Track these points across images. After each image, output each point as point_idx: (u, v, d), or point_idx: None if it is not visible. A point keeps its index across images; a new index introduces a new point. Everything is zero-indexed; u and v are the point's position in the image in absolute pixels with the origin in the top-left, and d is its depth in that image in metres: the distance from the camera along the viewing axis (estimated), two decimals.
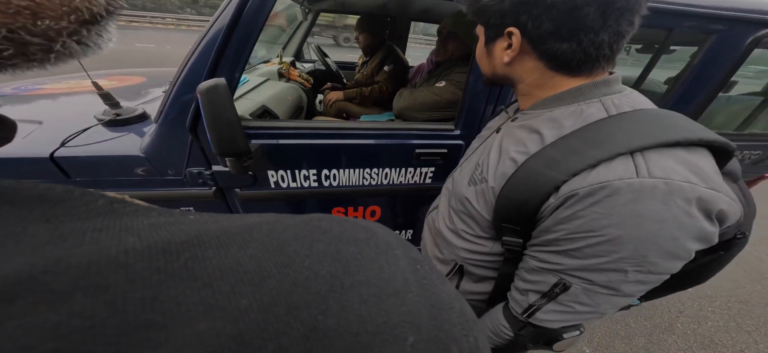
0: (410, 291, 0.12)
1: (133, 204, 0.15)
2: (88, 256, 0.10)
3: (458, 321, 0.13)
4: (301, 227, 0.14)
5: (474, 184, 0.48)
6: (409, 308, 0.12)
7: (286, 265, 0.12)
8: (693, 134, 0.32)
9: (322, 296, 0.11)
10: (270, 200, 0.97)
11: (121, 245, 0.11)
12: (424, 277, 0.14)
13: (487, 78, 0.49)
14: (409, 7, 1.80)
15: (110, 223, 0.12)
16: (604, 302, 0.37)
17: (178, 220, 0.14)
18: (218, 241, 0.12)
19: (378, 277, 0.12)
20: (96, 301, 0.09)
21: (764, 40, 0.86)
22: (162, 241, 0.12)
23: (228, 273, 0.11)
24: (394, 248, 0.15)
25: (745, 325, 1.64)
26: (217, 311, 0.10)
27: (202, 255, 0.11)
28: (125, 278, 0.10)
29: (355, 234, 0.14)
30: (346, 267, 0.12)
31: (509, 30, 0.39)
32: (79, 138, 0.83)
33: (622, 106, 0.37)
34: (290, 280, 0.11)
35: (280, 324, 0.10)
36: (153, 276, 0.10)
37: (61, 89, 1.29)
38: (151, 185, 0.86)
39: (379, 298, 0.12)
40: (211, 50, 0.69)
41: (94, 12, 0.16)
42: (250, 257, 0.12)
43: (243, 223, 0.14)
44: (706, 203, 0.30)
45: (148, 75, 1.61)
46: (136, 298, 0.09)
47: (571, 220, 0.34)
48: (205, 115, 0.61)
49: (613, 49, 0.37)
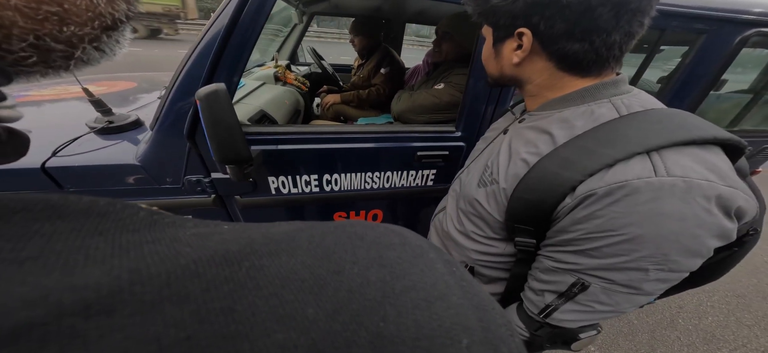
0: (454, 294, 0.13)
1: (169, 215, 0.15)
2: (164, 265, 0.11)
3: (502, 321, 0.13)
4: (338, 233, 0.14)
5: (484, 186, 0.48)
6: (457, 311, 0.12)
7: (337, 272, 0.12)
8: (706, 132, 0.33)
9: (378, 302, 0.11)
10: (271, 206, 0.96)
11: (185, 256, 0.11)
12: (463, 279, 0.14)
13: (494, 79, 0.48)
14: (403, 9, 1.80)
15: (159, 235, 0.12)
16: (624, 301, 0.37)
17: (215, 230, 0.14)
18: (268, 249, 0.12)
19: (422, 281, 0.13)
20: (183, 311, 0.09)
21: (751, 40, 0.89)
22: (220, 251, 0.12)
23: (287, 281, 0.11)
24: (428, 252, 0.15)
25: (745, 319, 1.66)
26: (288, 320, 0.10)
27: (259, 264, 0.12)
28: (201, 287, 0.10)
29: (390, 239, 0.14)
30: (393, 272, 0.12)
31: (520, 31, 0.38)
32: (70, 147, 0.80)
33: (633, 106, 0.38)
34: (346, 287, 0.11)
35: (347, 332, 0.10)
36: (224, 286, 0.10)
37: (48, 96, 1.24)
38: (148, 194, 0.84)
39: (429, 302, 0.12)
40: (208, 55, 0.67)
41: (115, 17, 0.16)
42: (302, 264, 0.12)
43: (281, 230, 0.14)
44: (725, 200, 0.30)
45: (139, 80, 1.57)
46: (217, 308, 0.10)
47: (590, 220, 0.34)
48: (205, 121, 0.60)
49: (623, 50, 0.37)
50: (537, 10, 0.36)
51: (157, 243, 0.12)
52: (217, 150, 0.63)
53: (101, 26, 0.15)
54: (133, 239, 0.12)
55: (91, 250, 0.11)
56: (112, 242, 0.11)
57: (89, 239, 0.11)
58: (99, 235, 0.12)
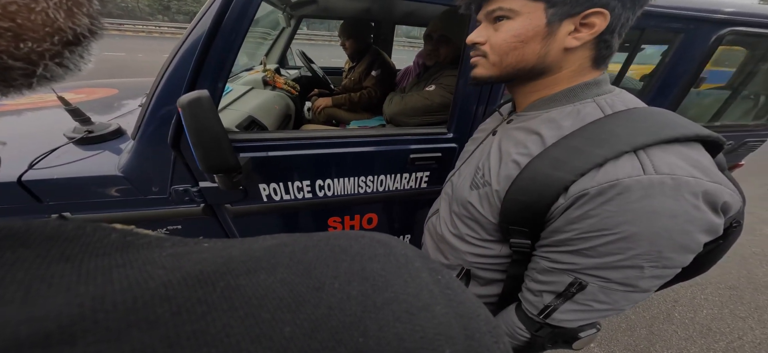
0: (438, 304, 0.13)
1: (146, 236, 0.14)
2: (130, 291, 0.10)
3: (487, 328, 0.13)
4: (321, 247, 0.14)
5: (476, 188, 0.48)
6: (440, 320, 0.12)
7: (317, 288, 0.12)
8: (689, 130, 0.34)
9: (358, 317, 0.11)
10: (263, 213, 0.94)
11: (156, 279, 0.11)
12: (447, 287, 0.14)
13: (511, 67, 0.41)
14: (392, 11, 1.80)
15: (131, 258, 0.12)
16: (621, 298, 0.37)
17: (194, 249, 0.13)
18: (246, 267, 0.12)
19: (405, 292, 0.13)
20: (152, 337, 0.09)
21: (726, 38, 0.92)
22: (194, 271, 0.12)
23: (264, 300, 0.11)
24: (413, 261, 0.15)
25: (739, 311, 1.70)
26: (264, 340, 0.10)
27: (235, 283, 0.11)
28: (170, 311, 0.10)
29: (374, 250, 0.14)
30: (374, 284, 0.12)
31: (597, 10, 0.35)
32: (48, 159, 0.76)
33: (616, 105, 0.38)
34: (325, 303, 0.11)
35: (325, 350, 0.10)
36: (196, 308, 0.10)
37: (22, 105, 1.18)
38: (133, 205, 0.81)
39: (411, 314, 0.12)
40: (190, 60, 0.65)
41: (77, 32, 0.15)
42: (281, 282, 0.12)
43: (261, 246, 0.14)
44: (711, 196, 0.31)
45: (120, 86, 1.52)
46: (188, 331, 0.09)
47: (584, 219, 0.34)
48: (189, 130, 0.58)
49: None
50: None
51: (128, 267, 0.11)
52: (202, 159, 0.61)
53: (61, 41, 0.14)
54: (102, 264, 0.11)
55: (55, 278, 0.10)
56: (79, 269, 0.11)
57: (54, 267, 0.11)
58: (65, 261, 0.11)
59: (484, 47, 0.42)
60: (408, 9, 1.68)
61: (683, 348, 1.47)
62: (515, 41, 0.38)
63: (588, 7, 0.35)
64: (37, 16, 0.13)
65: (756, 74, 1.23)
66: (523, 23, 0.37)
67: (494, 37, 0.40)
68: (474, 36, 0.42)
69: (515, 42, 0.38)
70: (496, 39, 0.40)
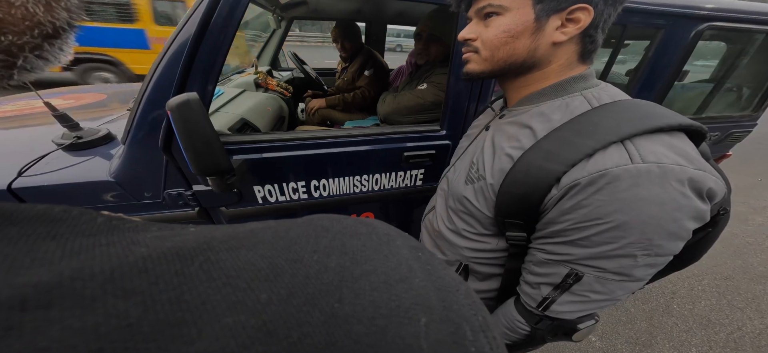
0: (416, 277, 0.13)
1: (132, 221, 0.15)
2: (110, 263, 0.11)
3: (466, 301, 0.13)
4: (304, 226, 0.15)
5: (471, 182, 0.48)
6: (418, 291, 0.12)
7: (296, 261, 0.12)
8: (672, 119, 0.35)
9: (335, 285, 0.11)
10: (259, 215, 0.93)
11: (136, 254, 0.11)
12: (427, 263, 0.14)
13: (503, 61, 0.41)
14: (383, 11, 1.81)
15: (116, 238, 0.12)
16: (617, 288, 0.38)
17: (180, 232, 0.14)
18: (227, 245, 0.13)
19: (384, 265, 0.13)
20: (127, 303, 0.09)
21: (705, 33, 0.95)
22: (173, 248, 0.12)
23: (242, 271, 0.11)
24: (395, 239, 0.15)
25: (736, 302, 1.70)
26: (239, 306, 0.10)
27: (216, 258, 0.12)
28: (148, 281, 0.10)
29: (356, 229, 0.15)
30: (353, 258, 0.13)
31: (581, 6, 0.36)
32: (37, 166, 0.75)
33: (602, 98, 0.40)
34: (303, 273, 0.12)
35: (300, 313, 0.10)
36: (173, 279, 0.11)
37: (9, 112, 1.16)
38: (126, 210, 0.80)
39: (389, 284, 0.12)
40: (178, 62, 0.64)
41: (57, 26, 0.15)
42: (261, 256, 0.12)
43: (247, 228, 0.14)
44: (697, 182, 0.31)
45: (109, 91, 1.50)
46: (164, 298, 0.10)
47: (576, 209, 0.35)
48: (179, 133, 0.57)
49: None
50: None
51: (112, 245, 0.12)
52: (194, 162, 0.61)
53: (41, 34, 0.15)
54: (87, 242, 0.12)
55: (40, 253, 0.11)
56: (64, 246, 0.11)
57: (40, 243, 0.11)
58: (51, 240, 0.11)
59: (475, 43, 0.43)
60: (398, 9, 1.69)
61: (684, 340, 1.47)
62: (505, 36, 0.39)
63: (573, 3, 0.36)
64: (17, 10, 0.13)
65: (737, 67, 1.27)
66: (513, 19, 0.38)
67: (485, 33, 0.41)
68: (465, 32, 0.43)
69: (506, 37, 0.39)
70: (487, 35, 0.41)
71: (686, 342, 1.47)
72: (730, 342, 1.48)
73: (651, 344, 1.45)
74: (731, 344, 1.47)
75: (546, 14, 0.37)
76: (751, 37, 1.15)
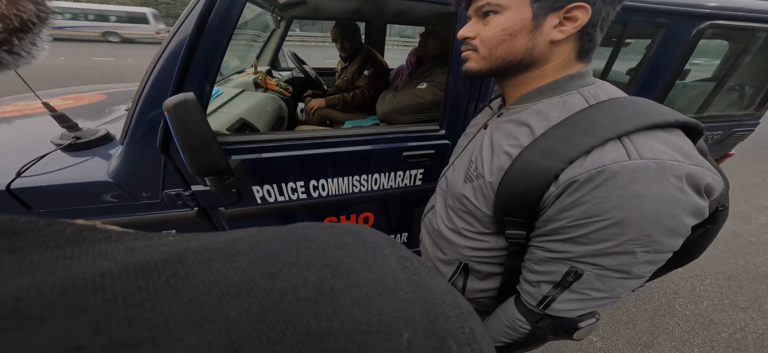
0: (401, 289, 0.12)
1: (106, 230, 0.14)
2: (62, 282, 0.10)
3: (452, 313, 0.13)
4: (286, 236, 0.14)
5: (470, 181, 0.48)
6: (402, 304, 0.12)
7: (272, 275, 0.12)
8: (669, 116, 0.35)
9: (312, 301, 0.11)
10: (258, 216, 0.93)
11: (96, 269, 0.11)
12: (415, 273, 0.14)
13: (501, 59, 0.41)
14: (383, 10, 1.80)
15: (82, 250, 0.12)
16: (617, 286, 0.38)
17: (156, 242, 0.13)
18: (200, 257, 0.12)
19: (367, 277, 0.12)
20: (77, 323, 0.09)
21: (707, 32, 0.94)
22: (140, 261, 0.11)
23: (213, 286, 0.11)
24: (382, 248, 0.14)
25: (739, 302, 1.68)
26: (206, 324, 0.10)
27: (185, 272, 0.11)
28: (104, 299, 0.10)
29: (341, 239, 0.14)
30: (335, 270, 0.12)
31: (579, 5, 0.36)
32: (36, 166, 0.75)
33: (599, 95, 0.40)
34: (278, 288, 0.11)
35: (272, 332, 0.10)
36: (134, 295, 0.10)
37: (8, 113, 1.16)
38: (125, 211, 0.80)
39: (370, 298, 0.12)
40: (175, 62, 0.64)
41: (24, 19, 0.15)
42: (235, 270, 0.12)
43: (226, 238, 0.14)
44: (695, 178, 0.31)
45: (109, 92, 1.50)
46: (120, 317, 0.09)
47: (575, 206, 0.35)
48: (176, 133, 0.57)
49: None
50: None
51: (76, 259, 0.11)
52: (192, 162, 0.60)
53: (7, 29, 0.14)
54: (49, 256, 0.11)
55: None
56: (21, 261, 0.11)
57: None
58: (10, 254, 0.11)
59: (474, 42, 0.43)
60: (398, 8, 1.69)
61: (686, 341, 1.46)
62: (504, 35, 0.39)
63: (570, 2, 0.36)
64: None
65: (739, 66, 1.26)
66: (511, 17, 0.38)
67: (484, 32, 0.41)
68: (464, 31, 0.43)
69: (504, 35, 0.39)
70: (486, 33, 0.41)
71: (688, 343, 1.45)
72: (732, 343, 1.46)
73: (653, 344, 1.44)
74: (734, 344, 1.46)
75: (543, 13, 0.37)
76: (753, 35, 1.14)
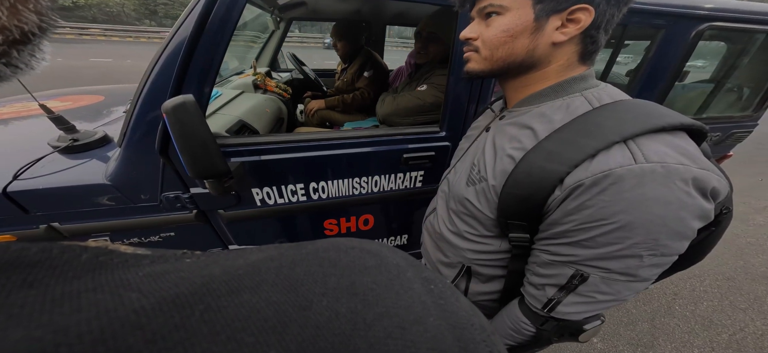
0: (430, 315, 0.12)
1: (120, 254, 0.14)
2: (98, 321, 0.10)
3: (480, 337, 0.13)
4: (309, 261, 0.14)
5: (473, 184, 0.48)
6: (433, 333, 0.12)
7: (304, 308, 0.11)
8: (674, 119, 0.34)
9: (347, 336, 0.11)
10: (257, 218, 0.92)
11: (127, 305, 0.10)
12: (440, 297, 0.14)
13: (502, 61, 0.41)
14: (383, 11, 1.80)
15: (103, 280, 0.11)
16: (623, 288, 0.37)
17: (175, 267, 0.13)
18: (227, 287, 0.12)
19: (396, 305, 0.12)
20: None
21: (706, 33, 0.95)
22: (170, 295, 0.11)
23: (247, 322, 0.10)
24: (406, 271, 0.14)
25: (739, 303, 1.69)
26: None
27: (216, 305, 0.11)
28: (143, 340, 0.09)
29: (364, 262, 0.14)
30: (364, 300, 0.12)
31: (582, 6, 0.35)
32: (33, 169, 0.75)
33: (603, 98, 0.39)
34: (313, 323, 0.11)
35: None
36: (173, 335, 0.10)
37: (5, 115, 1.15)
38: (124, 213, 0.79)
39: (403, 329, 0.11)
40: (174, 64, 0.63)
41: (25, 30, 0.14)
42: (266, 302, 0.11)
43: (246, 261, 0.13)
44: (701, 182, 0.31)
45: (107, 93, 1.49)
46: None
47: (581, 210, 0.34)
48: (175, 136, 0.56)
49: None
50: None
51: (99, 291, 0.11)
52: (190, 165, 0.60)
53: (7, 41, 0.14)
54: (70, 289, 0.11)
55: (16, 308, 0.10)
56: (43, 296, 0.10)
57: (15, 295, 0.10)
58: (28, 288, 0.10)
59: (476, 42, 0.43)
60: (398, 9, 1.69)
61: (687, 342, 1.46)
62: (505, 36, 0.39)
63: (573, 3, 0.36)
64: None
65: (737, 67, 1.26)
66: (513, 18, 0.38)
67: (486, 33, 0.41)
68: (467, 32, 0.43)
69: (505, 37, 0.39)
70: (488, 34, 0.41)
71: (688, 344, 1.45)
72: (732, 344, 1.46)
73: (653, 345, 1.44)
74: (734, 345, 1.46)
75: (546, 14, 0.37)
76: (751, 37, 1.15)
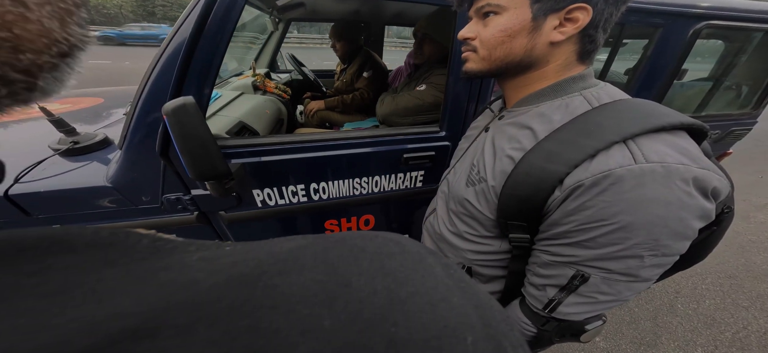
0: (454, 296, 0.13)
1: (170, 240, 0.15)
2: (184, 292, 0.11)
3: (501, 317, 0.13)
4: (340, 247, 0.15)
5: (472, 184, 0.48)
6: (459, 311, 0.12)
7: (346, 285, 0.12)
8: (674, 118, 0.34)
9: (387, 309, 0.12)
10: (259, 219, 0.93)
11: (201, 281, 0.12)
12: (461, 281, 0.14)
13: (500, 60, 0.41)
14: (381, 12, 1.80)
15: (167, 262, 0.13)
16: (625, 289, 0.37)
17: (219, 253, 0.14)
18: (276, 268, 0.13)
19: (424, 285, 0.13)
20: (215, 332, 0.10)
21: (703, 32, 0.95)
22: (235, 273, 0.12)
23: (301, 297, 0.11)
24: (426, 258, 0.15)
25: (741, 301, 1.68)
26: (309, 333, 0.10)
27: (272, 283, 0.12)
28: (224, 309, 0.11)
29: (389, 249, 0.15)
30: (396, 279, 0.13)
31: (579, 6, 0.35)
32: (34, 172, 0.75)
33: (602, 98, 0.39)
34: (355, 298, 0.12)
35: (364, 339, 0.11)
36: (244, 306, 0.11)
37: (5, 117, 1.15)
38: (125, 215, 0.79)
39: (433, 305, 0.12)
40: (173, 65, 0.64)
41: (71, 43, 0.15)
42: (312, 280, 0.12)
43: (283, 248, 0.14)
44: (701, 181, 0.31)
45: (106, 95, 1.49)
46: (243, 326, 0.10)
47: (581, 211, 0.34)
48: (176, 137, 0.56)
49: None
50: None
51: (169, 271, 0.12)
52: (191, 167, 0.60)
53: (59, 53, 0.14)
54: (145, 267, 0.12)
55: (109, 281, 0.11)
56: (127, 273, 0.12)
57: (103, 271, 0.12)
58: (111, 266, 0.12)
59: (474, 42, 0.43)
60: (396, 9, 1.69)
61: (690, 340, 1.45)
62: (503, 36, 0.39)
63: (571, 2, 0.35)
64: (32, 25, 0.13)
65: (736, 65, 1.26)
66: (510, 18, 0.38)
67: (483, 32, 0.41)
68: (465, 32, 0.43)
69: (503, 36, 0.39)
70: (486, 34, 0.41)
71: (691, 342, 1.45)
72: (736, 342, 1.46)
73: (656, 344, 1.43)
74: (737, 343, 1.45)
75: (543, 14, 0.37)
76: (749, 35, 1.15)
